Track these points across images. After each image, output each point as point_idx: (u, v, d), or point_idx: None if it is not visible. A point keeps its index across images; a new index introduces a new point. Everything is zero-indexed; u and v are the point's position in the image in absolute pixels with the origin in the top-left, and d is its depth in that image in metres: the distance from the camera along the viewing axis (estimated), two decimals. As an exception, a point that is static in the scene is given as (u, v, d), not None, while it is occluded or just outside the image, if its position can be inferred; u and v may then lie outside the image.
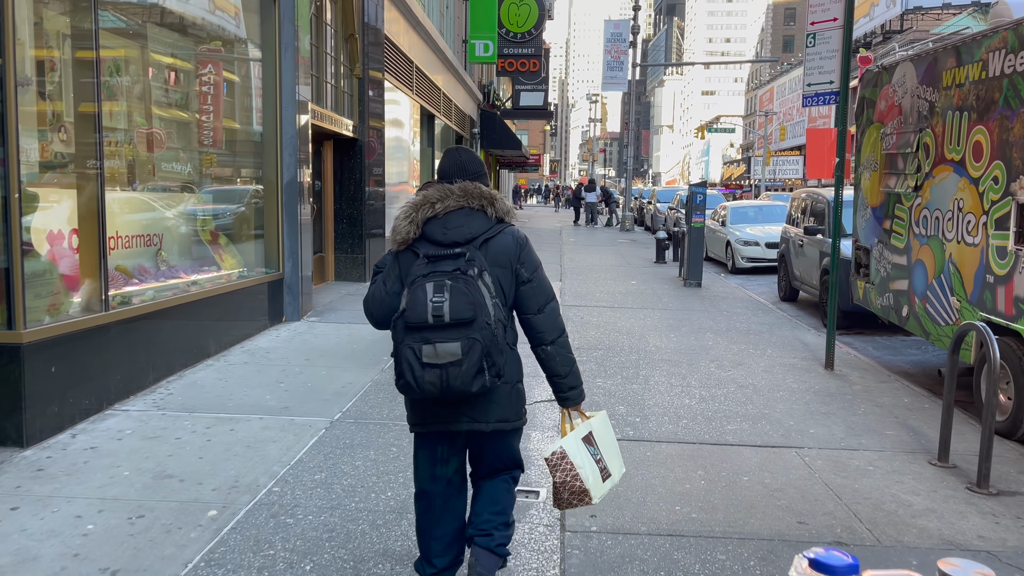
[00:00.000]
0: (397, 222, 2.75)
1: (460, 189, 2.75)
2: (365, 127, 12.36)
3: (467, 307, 2.52)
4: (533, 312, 2.79)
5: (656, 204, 29.05)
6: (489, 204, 2.76)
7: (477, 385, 2.55)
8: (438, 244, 2.67)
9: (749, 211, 18.47)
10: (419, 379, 2.54)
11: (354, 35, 11.68)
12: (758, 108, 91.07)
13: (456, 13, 23.52)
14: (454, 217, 2.70)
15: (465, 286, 2.55)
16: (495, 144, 29.11)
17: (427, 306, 2.51)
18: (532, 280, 2.78)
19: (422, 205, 2.72)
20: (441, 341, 2.51)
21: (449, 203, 2.71)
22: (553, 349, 2.83)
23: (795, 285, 12.23)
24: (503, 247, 2.74)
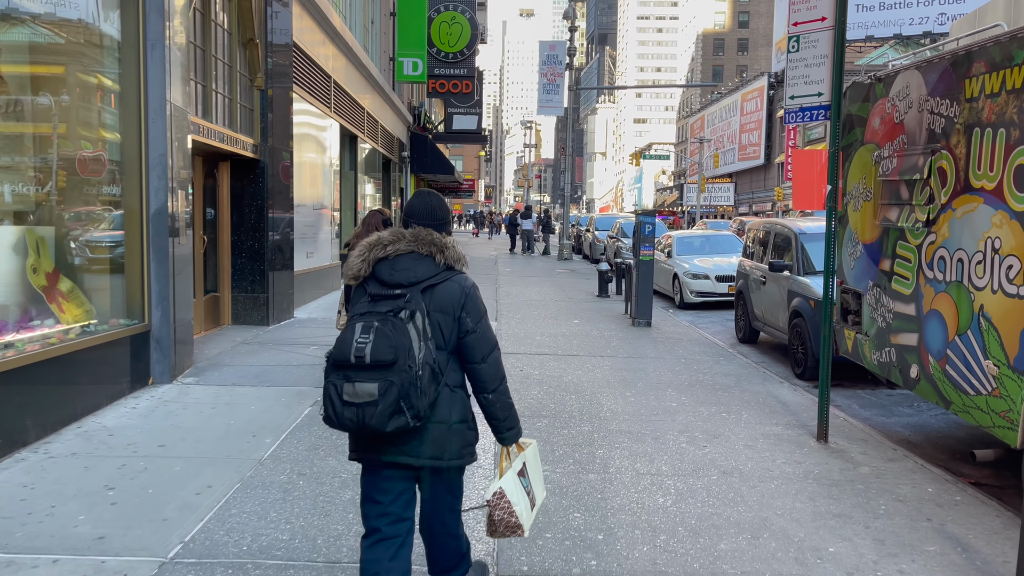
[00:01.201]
0: (352, 259, 2.90)
1: (412, 234, 2.89)
2: (269, 146, 10.67)
3: (388, 350, 2.61)
4: (477, 362, 2.90)
5: (595, 232, 27.92)
6: (439, 251, 2.87)
7: (392, 426, 2.64)
8: (383, 284, 2.81)
9: (696, 241, 17.37)
10: (339, 415, 2.66)
11: (254, 40, 10.04)
12: (690, 136, 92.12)
13: (382, 29, 22.03)
14: (403, 260, 2.84)
15: (391, 329, 2.65)
16: (426, 169, 27.59)
17: (351, 346, 2.63)
18: (476, 331, 2.87)
19: (375, 245, 2.88)
20: (360, 381, 2.62)
21: (400, 246, 2.86)
22: (494, 397, 2.95)
23: (756, 326, 11.00)
24: (448, 294, 2.84)
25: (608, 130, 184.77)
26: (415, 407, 2.65)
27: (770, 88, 68.99)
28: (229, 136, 9.47)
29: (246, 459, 5.23)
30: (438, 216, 3.00)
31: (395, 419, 2.63)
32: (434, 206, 3.02)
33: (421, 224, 2.95)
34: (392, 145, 23.82)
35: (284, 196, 11.27)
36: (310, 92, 13.17)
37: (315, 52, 13.34)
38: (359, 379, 2.61)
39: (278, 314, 11.06)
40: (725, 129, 79.52)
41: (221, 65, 9.42)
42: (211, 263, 10.28)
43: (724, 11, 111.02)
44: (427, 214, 2.99)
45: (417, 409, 2.66)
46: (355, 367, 2.62)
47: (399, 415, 2.62)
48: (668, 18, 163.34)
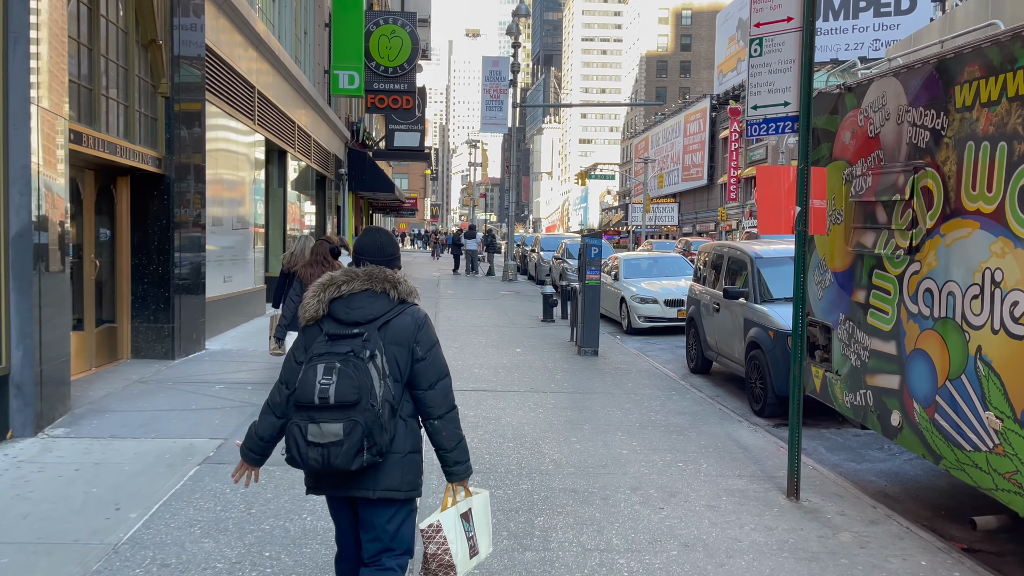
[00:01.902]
0: (306, 299, 2.93)
1: (365, 273, 2.95)
2: (176, 160, 9.59)
3: (352, 391, 2.68)
4: (424, 388, 2.93)
5: (540, 252, 27.19)
6: (392, 287, 2.94)
7: (356, 464, 2.71)
8: (340, 323, 2.86)
9: (643, 263, 16.72)
10: (304, 455, 2.71)
11: (157, 42, 8.99)
12: (634, 156, 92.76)
13: (317, 40, 21.02)
14: (358, 298, 2.90)
15: (354, 370, 2.71)
16: (365, 186, 26.55)
17: (315, 387, 2.67)
18: (426, 358, 2.92)
19: (329, 286, 2.93)
20: (325, 421, 2.68)
21: (355, 285, 2.92)
22: (441, 424, 2.94)
23: (708, 355, 10.29)
24: (402, 326, 2.90)
25: (554, 150, 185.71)
26: (378, 444, 2.73)
27: (712, 110, 69.81)
28: (125, 148, 8.38)
29: (97, 544, 4.19)
30: (388, 252, 3.07)
31: (359, 457, 2.70)
32: (383, 243, 3.08)
33: (372, 261, 3.01)
34: (328, 162, 22.74)
35: (195, 214, 10.18)
36: (230, 102, 12.11)
37: (235, 60, 12.30)
38: (323, 420, 2.68)
39: (186, 346, 9.93)
40: (669, 150, 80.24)
41: (115, 68, 8.34)
42: (107, 290, 9.12)
43: (667, 34, 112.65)
44: (378, 251, 3.05)
45: (380, 446, 2.74)
46: (319, 408, 2.68)
47: (362, 453, 2.70)
48: (612, 40, 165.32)
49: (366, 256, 3.02)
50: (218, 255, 11.82)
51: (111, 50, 8.30)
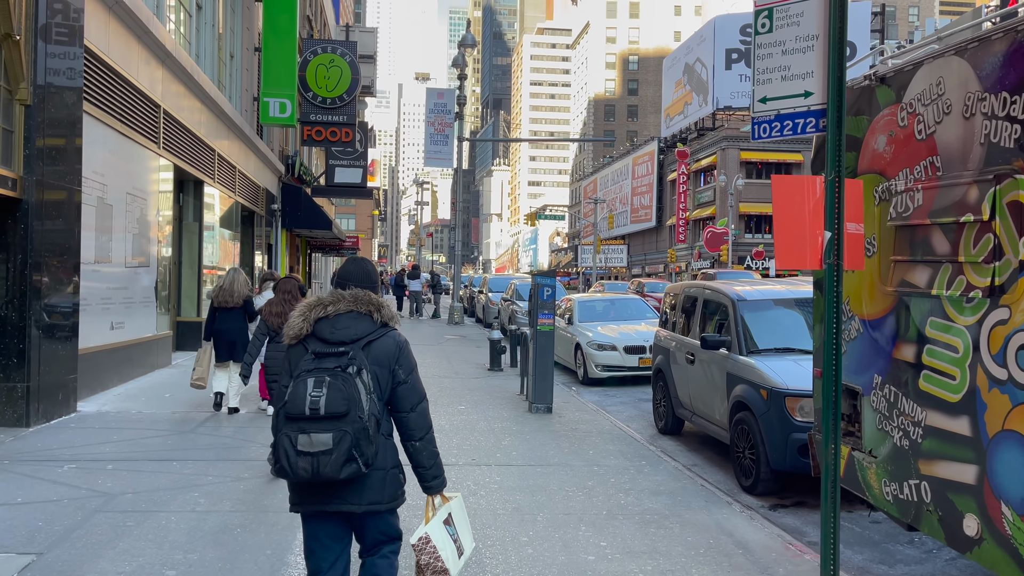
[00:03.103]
0: (292, 319, 3.08)
1: (351, 295, 3.11)
2: (39, 181, 7.83)
3: (342, 402, 2.83)
4: (406, 411, 3.10)
5: (488, 294, 25.67)
6: (376, 310, 3.11)
7: (345, 473, 2.83)
8: (325, 342, 3.00)
9: (599, 306, 15.32)
10: (293, 465, 2.83)
11: (12, 37, 7.30)
12: (583, 198, 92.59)
13: (245, 65, 19.43)
14: (343, 319, 3.06)
15: (343, 383, 2.86)
16: (300, 223, 24.78)
17: (306, 399, 2.82)
18: (407, 381, 3.08)
19: (315, 306, 3.09)
20: (315, 432, 2.81)
21: (340, 306, 3.08)
22: (421, 445, 3.13)
23: (681, 414, 8.81)
24: (385, 349, 3.04)
25: (504, 192, 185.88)
26: (365, 454, 2.88)
27: (660, 152, 69.93)
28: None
29: None
30: (372, 280, 3.25)
31: (347, 467, 2.83)
32: (369, 271, 3.26)
33: (360, 287, 3.16)
34: (257, 196, 20.98)
35: (66, 248, 8.39)
36: (125, 120, 10.40)
37: (133, 72, 10.63)
38: (314, 430, 2.81)
39: (48, 409, 8.06)
40: (618, 192, 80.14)
41: (-54, 62, 6.63)
42: (-64, 342, 7.25)
43: (614, 79, 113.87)
44: (365, 278, 3.21)
45: (367, 456, 2.89)
46: (309, 419, 2.82)
47: (351, 463, 2.84)
48: (560, 84, 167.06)
49: (352, 281, 3.18)
50: (104, 297, 9.99)
51: (-58, 40, 6.59)
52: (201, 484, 6.10)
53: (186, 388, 10.59)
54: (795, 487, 6.82)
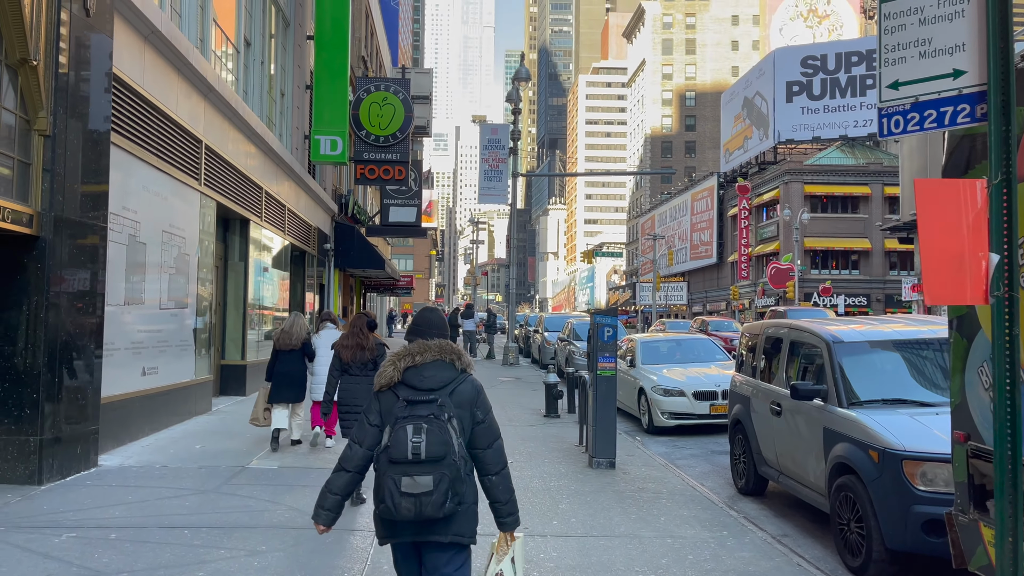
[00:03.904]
0: (384, 368, 3.34)
1: (436, 346, 3.36)
2: (60, 217, 7.28)
3: (440, 447, 3.11)
4: (483, 448, 3.34)
5: (544, 333, 24.73)
6: (457, 358, 3.37)
7: (443, 512, 3.11)
8: (415, 389, 3.26)
9: (663, 347, 14.22)
10: (397, 505, 3.09)
11: (29, 62, 6.80)
12: (641, 235, 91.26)
13: (296, 103, 19.16)
14: (429, 368, 3.31)
15: (438, 429, 3.13)
16: (353, 263, 24.35)
17: (407, 445, 3.08)
18: (484, 421, 3.34)
19: (404, 356, 3.33)
20: (418, 474, 3.07)
21: (427, 356, 3.33)
22: (497, 479, 3.34)
23: (765, 472, 7.68)
24: (465, 393, 3.32)
25: (560, 230, 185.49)
26: (459, 494, 3.17)
27: (720, 188, 68.45)
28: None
29: None
30: (446, 328, 3.52)
31: (446, 506, 3.10)
32: (443, 320, 3.55)
33: (437, 335, 3.43)
34: (309, 236, 20.58)
35: (88, 289, 7.80)
36: (161, 153, 9.93)
37: (169, 102, 10.19)
38: (416, 473, 3.07)
39: (64, 464, 7.40)
40: (676, 228, 78.68)
41: (-48, 87, 6.11)
42: (-59, 392, 6.66)
43: (671, 115, 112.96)
44: (441, 326, 3.49)
45: (461, 496, 3.18)
46: (411, 463, 3.08)
47: (449, 502, 3.11)
48: (616, 122, 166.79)
49: (432, 329, 3.45)
50: (134, 341, 9.40)
51: (-51, 65, 6.09)
52: (210, 560, 5.27)
53: (220, 438, 9.92)
54: (914, 567, 5.65)
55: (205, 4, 12.51)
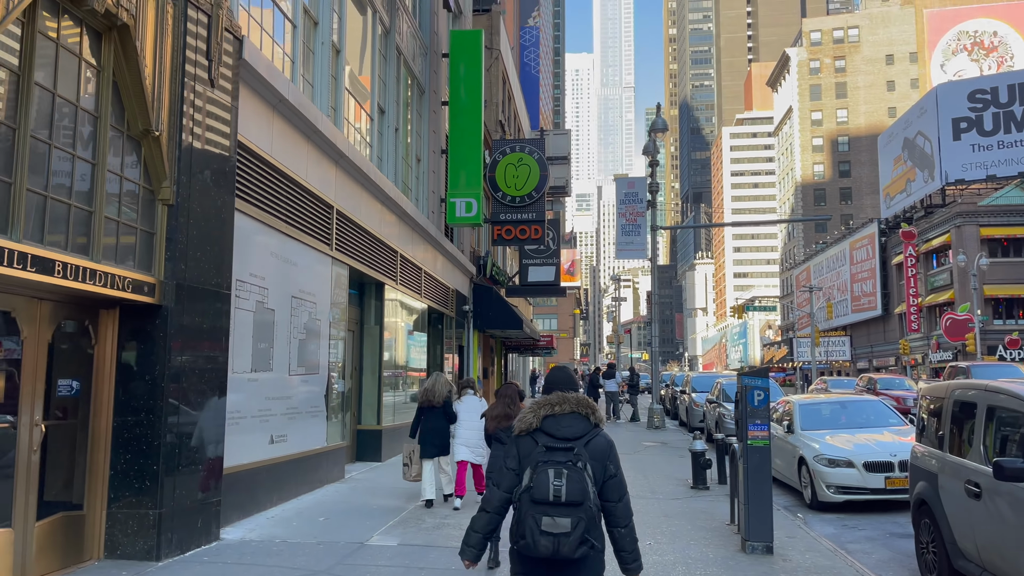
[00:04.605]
0: (524, 413, 3.64)
1: (574, 398, 3.64)
2: (181, 285, 7.26)
3: (579, 492, 3.37)
4: (614, 501, 3.56)
5: (692, 394, 23.33)
6: (592, 412, 3.64)
7: (579, 553, 3.36)
8: (553, 437, 3.52)
9: (825, 409, 12.71)
10: (536, 542, 3.34)
11: (152, 133, 6.88)
12: (795, 288, 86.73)
13: (432, 167, 19.38)
14: (566, 418, 3.58)
15: (577, 476, 3.39)
16: (491, 324, 24.13)
17: (549, 487, 3.36)
18: (616, 475, 3.55)
19: (544, 405, 3.63)
20: (558, 515, 3.34)
21: (565, 407, 3.61)
22: (625, 531, 3.57)
23: (962, 567, 6.30)
24: (599, 447, 3.55)
25: (707, 285, 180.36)
26: (593, 537, 3.39)
27: (882, 235, 64.00)
28: (90, 270, 6.10)
29: None
30: (575, 384, 3.79)
31: (581, 548, 3.35)
32: (571, 378, 3.82)
33: (570, 391, 3.70)
34: (447, 297, 20.57)
35: (210, 357, 7.73)
36: (288, 219, 9.98)
37: (298, 169, 10.28)
38: (556, 514, 3.34)
39: (184, 538, 7.21)
40: (834, 279, 74.14)
41: (72, 161, 6.18)
42: (63, 462, 6.66)
43: (823, 162, 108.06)
44: (571, 382, 3.78)
45: (594, 540, 3.40)
46: (552, 504, 3.35)
47: (584, 545, 3.36)
48: (763, 173, 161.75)
49: (564, 387, 3.73)
50: (262, 408, 9.30)
51: (77, 142, 6.19)
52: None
53: (346, 509, 9.61)
54: None
55: (338, 74, 12.80)
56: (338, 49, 12.75)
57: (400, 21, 16.47)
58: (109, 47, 6.52)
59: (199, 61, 7.54)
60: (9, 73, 5.48)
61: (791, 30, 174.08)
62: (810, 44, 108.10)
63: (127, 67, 6.62)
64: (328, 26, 12.03)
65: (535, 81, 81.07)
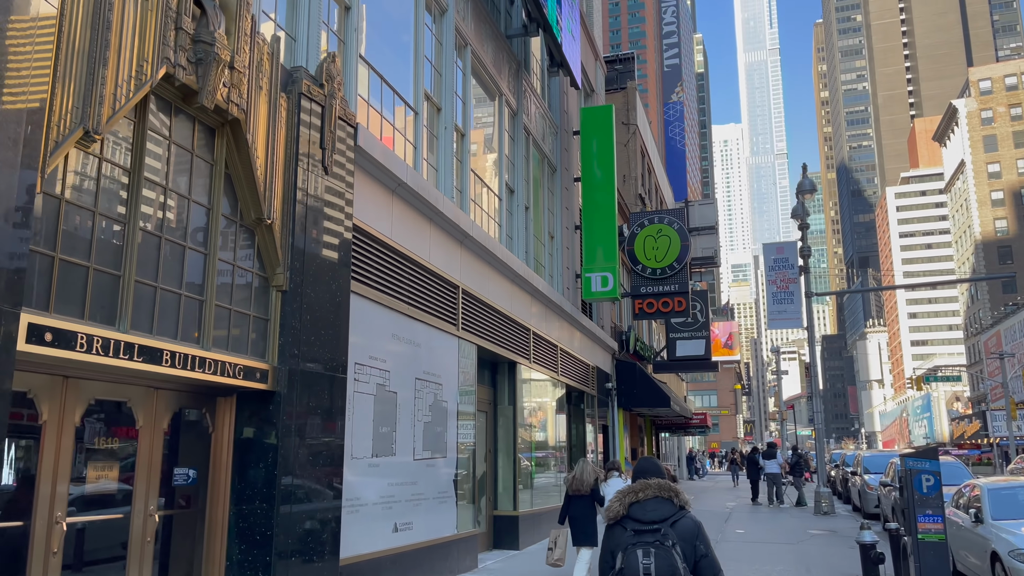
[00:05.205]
0: (611, 503, 3.82)
1: (656, 484, 3.82)
2: (294, 370, 7.26)
3: (667, 568, 3.54)
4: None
5: (864, 476, 21.12)
6: (675, 496, 3.79)
7: None
8: (640, 522, 3.71)
9: (1022, 494, 10.90)
10: None
11: (264, 220, 7.03)
12: (984, 355, 78.72)
13: (566, 243, 19.19)
14: (651, 503, 3.76)
15: (665, 554, 3.55)
16: (637, 402, 23.22)
17: (639, 567, 3.54)
18: (708, 555, 3.63)
19: (628, 493, 3.81)
20: None
21: (649, 492, 3.79)
22: None
23: None
24: (686, 527, 3.68)
25: (881, 355, 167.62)
26: None
27: (1084, 292, 57.10)
28: (199, 357, 6.19)
29: None
30: (661, 473, 4.03)
31: None
32: (658, 467, 4.13)
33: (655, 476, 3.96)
34: (587, 375, 19.99)
35: (326, 443, 7.63)
36: (410, 300, 9.95)
37: (420, 250, 10.31)
38: None
39: (296, 634, 6.97)
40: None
41: (183, 252, 6.37)
42: (179, 552, 6.64)
43: (1005, 216, 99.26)
44: (657, 470, 4.06)
45: None
46: None
47: None
48: (936, 232, 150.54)
49: (647, 475, 3.95)
50: (384, 495, 9.09)
51: (188, 232, 6.40)
52: None
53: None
54: None
55: (463, 156, 12.96)
56: (462, 132, 12.95)
57: (527, 103, 16.66)
58: (221, 141, 6.77)
59: (312, 151, 7.72)
60: (119, 169, 5.72)
61: (955, 82, 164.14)
62: (979, 93, 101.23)
63: (239, 159, 6.84)
64: (451, 111, 12.25)
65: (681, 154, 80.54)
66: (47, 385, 5.39)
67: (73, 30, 5.09)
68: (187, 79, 6.08)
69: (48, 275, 5.05)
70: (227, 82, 6.48)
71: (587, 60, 22.43)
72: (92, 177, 5.50)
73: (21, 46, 4.71)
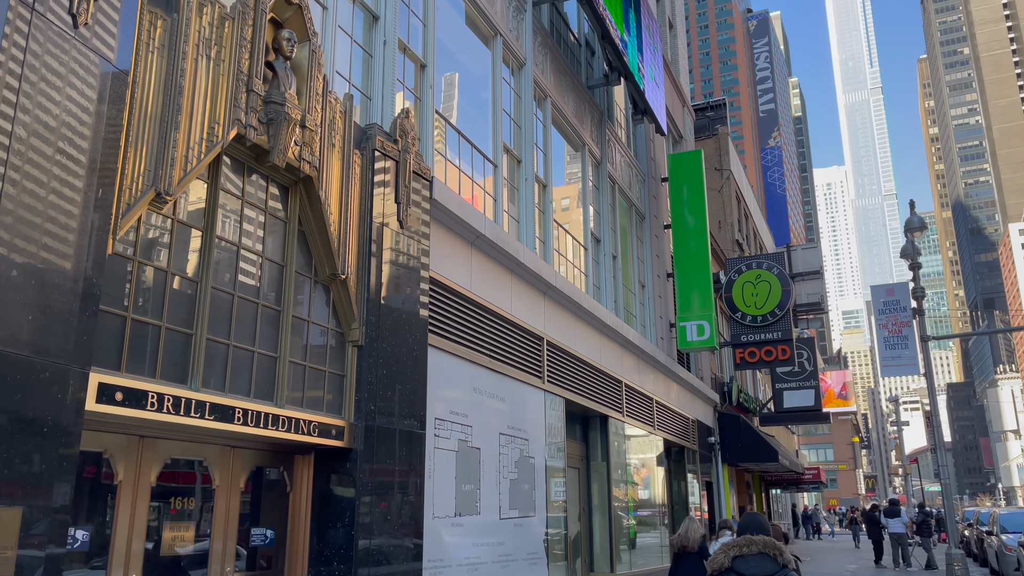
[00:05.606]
0: (715, 555, 3.93)
1: (761, 540, 3.92)
2: (371, 426, 7.15)
3: None
4: None
5: (1000, 536, 19.23)
6: (779, 554, 3.89)
7: None
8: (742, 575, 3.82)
9: None
10: None
11: (339, 276, 7.04)
12: None
13: (658, 292, 18.68)
14: (755, 558, 3.87)
15: None
16: (742, 456, 22.10)
17: None
18: None
19: (733, 547, 3.91)
20: None
21: (753, 548, 3.91)
22: None
23: None
24: None
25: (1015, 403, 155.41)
26: None
27: None
28: (272, 415, 6.16)
29: None
30: (766, 529, 4.31)
31: None
32: (763, 523, 4.45)
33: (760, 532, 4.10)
34: (687, 429, 19.19)
35: (404, 501, 7.44)
36: (491, 353, 9.77)
37: (500, 302, 10.16)
38: None
39: None
40: None
41: (257, 309, 6.40)
42: (256, 616, 6.52)
43: None
44: (761, 527, 4.33)
45: None
46: None
47: None
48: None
49: (752, 531, 4.13)
50: (469, 556, 8.78)
51: (261, 290, 6.45)
52: None
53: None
54: None
55: (546, 207, 12.86)
56: (544, 183, 12.87)
57: (612, 151, 16.50)
58: (294, 198, 6.85)
59: (387, 206, 7.74)
60: (192, 228, 5.83)
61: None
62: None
63: (312, 215, 6.89)
64: (531, 162, 12.21)
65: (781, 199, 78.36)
66: (122, 444, 5.44)
67: (145, 96, 5.26)
68: (258, 139, 6.19)
69: (120, 334, 5.13)
70: (298, 140, 6.58)
71: (673, 107, 22.18)
72: (164, 237, 5.62)
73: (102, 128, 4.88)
